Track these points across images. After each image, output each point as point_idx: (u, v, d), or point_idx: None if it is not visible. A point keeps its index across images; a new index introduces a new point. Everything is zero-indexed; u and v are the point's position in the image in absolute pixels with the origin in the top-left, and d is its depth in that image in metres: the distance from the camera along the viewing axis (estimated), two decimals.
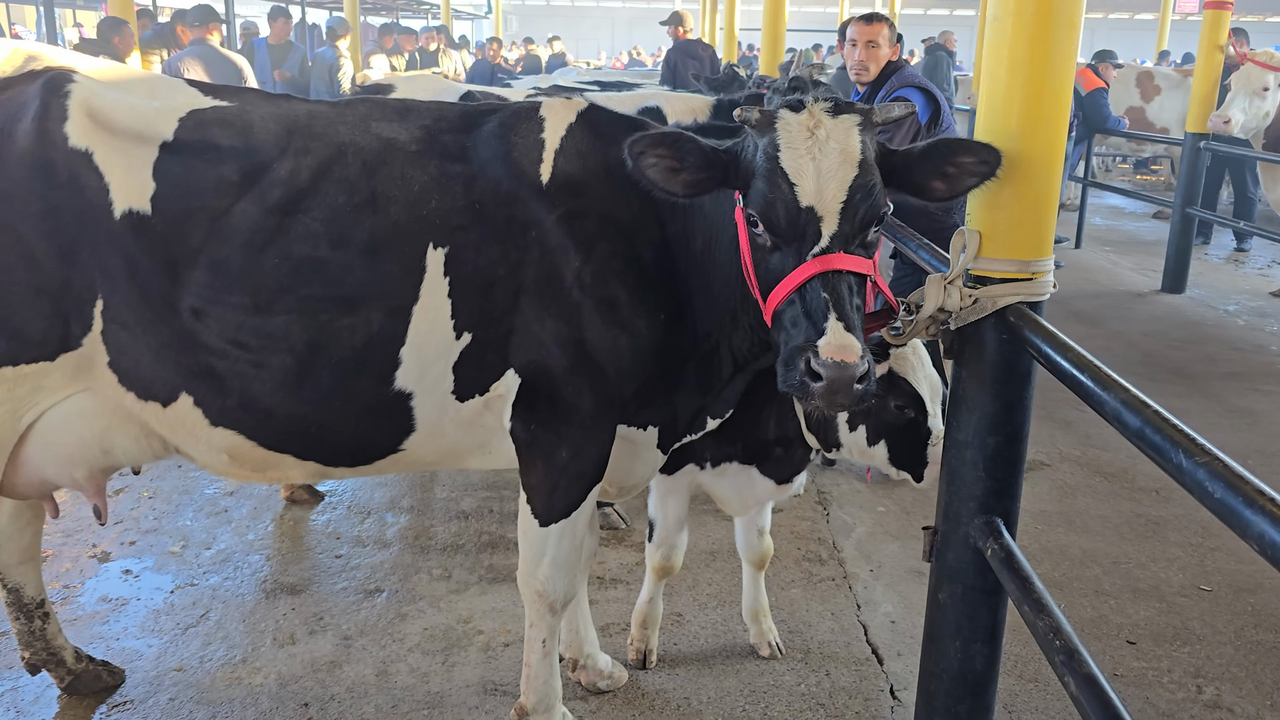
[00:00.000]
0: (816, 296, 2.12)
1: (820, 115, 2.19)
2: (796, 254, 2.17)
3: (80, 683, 3.04)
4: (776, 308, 2.20)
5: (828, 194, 2.15)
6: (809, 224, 2.15)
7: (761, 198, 2.18)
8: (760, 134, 2.22)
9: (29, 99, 2.41)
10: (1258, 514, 1.34)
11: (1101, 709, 1.82)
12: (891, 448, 2.78)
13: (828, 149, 2.17)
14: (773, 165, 2.17)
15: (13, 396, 2.47)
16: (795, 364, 2.10)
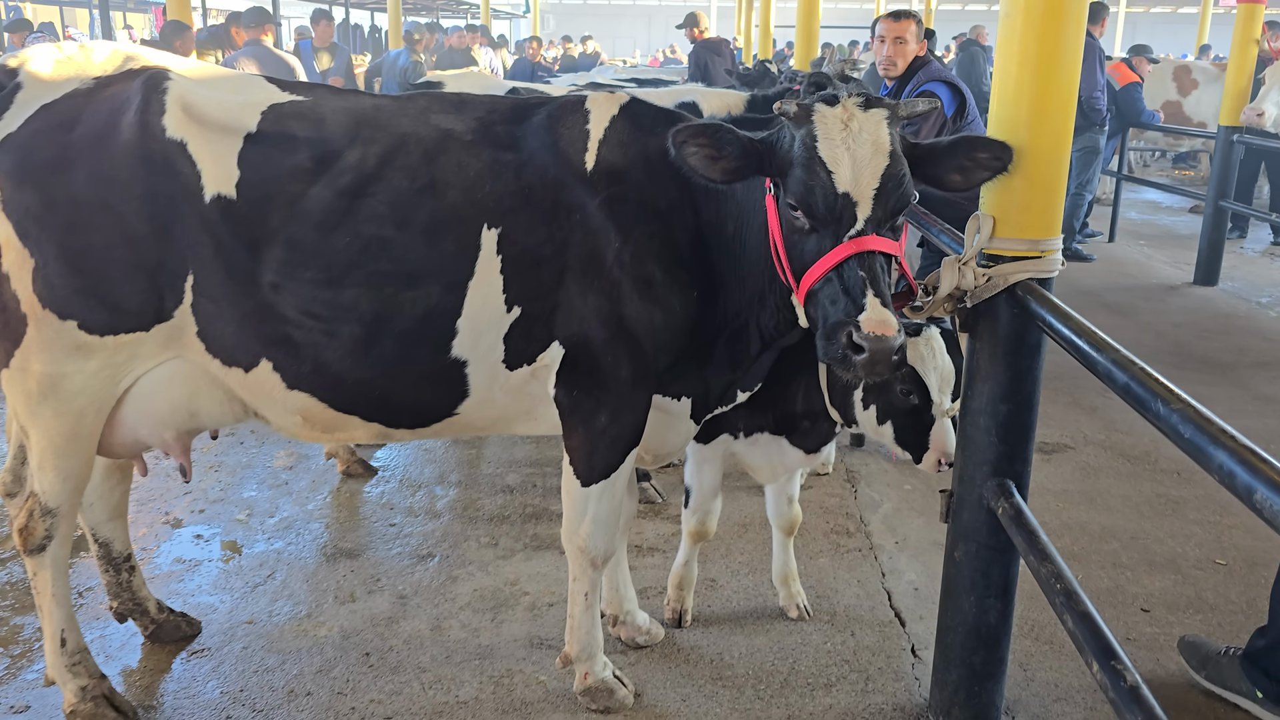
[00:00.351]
0: (854, 275, 2.32)
1: (853, 109, 2.39)
2: (833, 236, 2.36)
3: (162, 631, 3.31)
4: (811, 286, 2.39)
5: (862, 181, 2.35)
6: (845, 209, 2.34)
7: (801, 184, 2.37)
8: (797, 126, 2.41)
9: (131, 95, 2.66)
10: (1218, 449, 1.54)
11: (1094, 639, 2.02)
12: (897, 428, 2.96)
13: (861, 140, 2.36)
14: (811, 155, 2.36)
15: (112, 363, 2.72)
16: (837, 337, 2.29)
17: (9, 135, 2.63)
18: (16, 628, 3.39)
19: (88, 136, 2.62)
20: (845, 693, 3.12)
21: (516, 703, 3.03)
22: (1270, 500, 1.38)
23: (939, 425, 2.90)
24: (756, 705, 3.05)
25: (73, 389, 2.70)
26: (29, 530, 2.83)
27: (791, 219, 2.43)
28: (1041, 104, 2.53)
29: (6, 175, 2.60)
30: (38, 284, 2.62)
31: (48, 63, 2.78)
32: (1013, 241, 2.62)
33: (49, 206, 2.59)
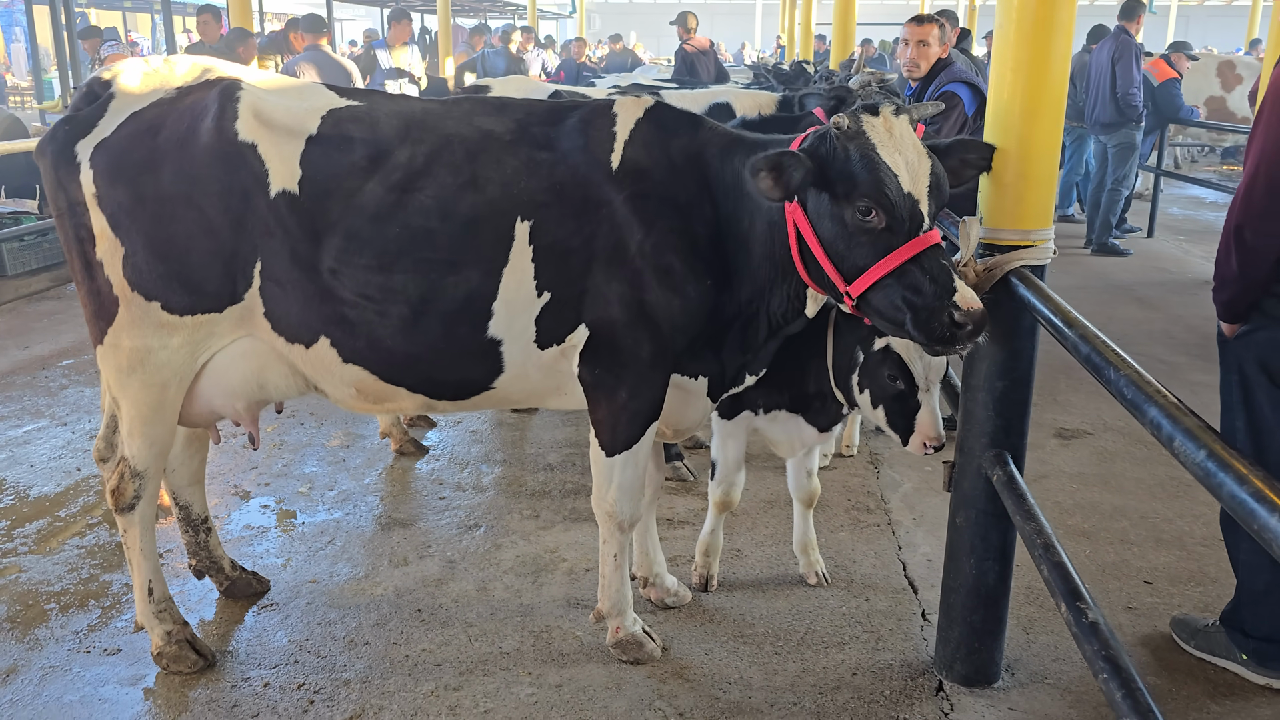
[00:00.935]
0: (937, 264, 2.60)
1: (891, 117, 2.66)
2: (900, 234, 2.60)
3: (235, 588, 3.65)
4: (879, 280, 2.63)
5: (920, 182, 2.62)
6: (914, 208, 2.61)
7: (875, 189, 2.59)
8: (850, 137, 2.64)
9: (209, 103, 2.98)
10: (1151, 405, 1.78)
11: (1064, 584, 2.27)
12: (887, 412, 3.19)
13: (905, 145, 2.64)
14: (874, 161, 2.60)
15: (192, 340, 3.05)
16: (939, 319, 2.56)
17: (104, 139, 2.96)
18: (106, 583, 3.75)
19: (172, 140, 2.94)
20: (857, 650, 3.37)
21: (554, 654, 3.32)
22: (1185, 448, 1.62)
23: (924, 410, 3.13)
24: (774, 659, 3.31)
25: (158, 363, 3.03)
26: (120, 491, 3.17)
27: (859, 222, 2.63)
28: (1033, 105, 2.77)
29: (101, 174, 2.93)
30: (127, 270, 2.96)
31: (136, 75, 3.10)
32: (1008, 232, 2.86)
33: (138, 201, 2.92)
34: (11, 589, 3.70)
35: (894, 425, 3.19)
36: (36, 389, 5.96)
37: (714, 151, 3.01)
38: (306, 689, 3.13)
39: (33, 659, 3.28)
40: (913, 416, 3.14)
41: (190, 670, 3.19)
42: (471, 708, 3.04)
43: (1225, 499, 1.49)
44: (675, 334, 2.97)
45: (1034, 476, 4.75)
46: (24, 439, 5.18)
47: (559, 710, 3.04)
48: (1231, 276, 2.99)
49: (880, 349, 3.16)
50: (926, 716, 3.04)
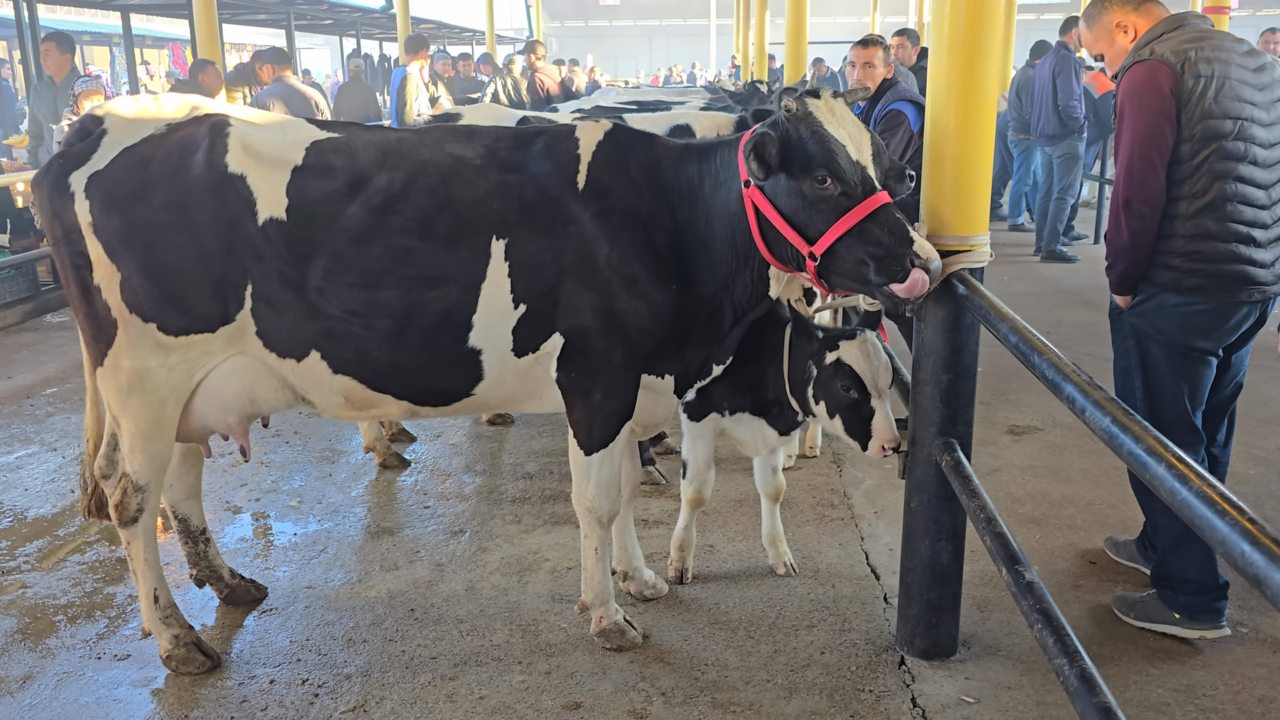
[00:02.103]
0: (892, 218, 2.89)
1: (830, 99, 3.00)
2: (853, 196, 2.90)
3: (234, 595, 3.83)
4: (840, 238, 2.91)
5: (864, 151, 2.96)
6: (864, 172, 2.92)
7: (827, 158, 2.90)
8: (800, 118, 2.95)
9: (200, 137, 3.17)
10: (1068, 383, 2.05)
11: (1003, 550, 2.52)
12: (844, 421, 3.43)
13: (846, 120, 2.98)
14: (824, 135, 2.92)
15: (187, 359, 3.24)
16: (901, 264, 2.83)
17: (97, 172, 3.15)
18: (110, 595, 3.92)
19: (164, 171, 3.13)
20: (825, 631, 3.61)
21: (542, 645, 3.54)
22: (1094, 416, 1.88)
23: (879, 415, 3.37)
24: (748, 642, 3.54)
25: (156, 381, 3.21)
26: (123, 505, 3.35)
27: (817, 190, 2.92)
28: (966, 122, 3.06)
29: (96, 204, 3.12)
30: (125, 293, 3.15)
31: (128, 111, 3.30)
32: (947, 238, 3.13)
33: (132, 229, 3.11)
34: (19, 603, 3.86)
35: (851, 433, 3.42)
36: (23, 417, 6.10)
37: (668, 164, 3.27)
38: (310, 684, 3.32)
39: (47, 666, 3.44)
40: (868, 423, 3.38)
41: (198, 671, 3.37)
42: (467, 695, 3.25)
43: (1126, 457, 1.75)
44: (643, 337, 3.21)
45: (987, 470, 5.04)
46: (16, 464, 5.32)
47: (549, 694, 3.25)
48: (1124, 248, 3.43)
49: (832, 362, 3.42)
50: (890, 687, 3.28)
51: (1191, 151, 3.33)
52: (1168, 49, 3.32)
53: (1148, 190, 3.34)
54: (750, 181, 3.04)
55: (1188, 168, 3.34)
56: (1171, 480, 1.56)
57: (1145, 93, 3.32)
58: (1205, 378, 3.52)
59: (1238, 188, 3.33)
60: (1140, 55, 3.38)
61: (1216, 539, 1.42)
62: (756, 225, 3.08)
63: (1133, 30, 3.56)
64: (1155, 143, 3.31)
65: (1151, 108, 3.30)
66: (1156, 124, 3.30)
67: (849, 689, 3.27)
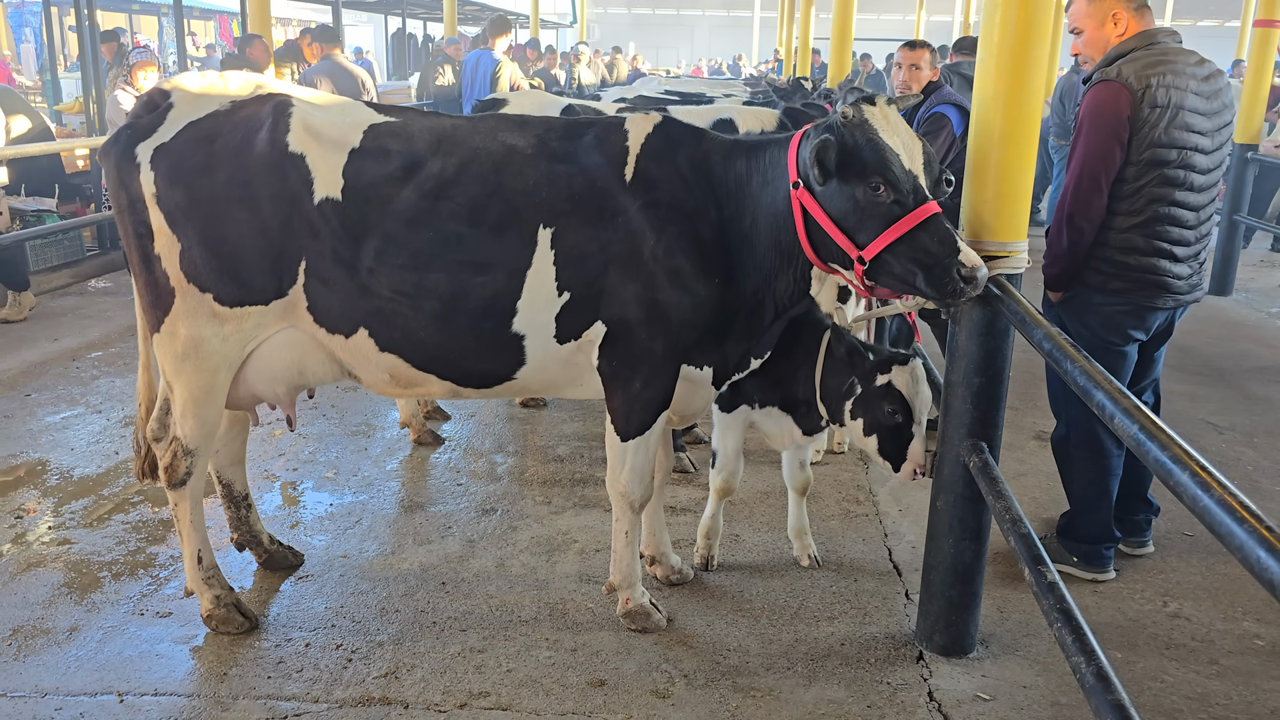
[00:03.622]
0: (941, 228, 2.95)
1: (885, 107, 3.04)
2: (905, 204, 2.95)
3: (273, 560, 3.95)
4: (889, 245, 2.96)
5: (916, 159, 3.00)
6: (916, 181, 2.97)
7: (882, 166, 2.95)
8: (855, 125, 3.00)
9: (264, 116, 3.27)
10: (1098, 389, 2.10)
11: (1028, 551, 2.58)
12: (880, 441, 3.51)
13: (900, 129, 3.02)
14: (879, 144, 2.96)
15: (241, 330, 3.34)
16: (950, 274, 2.90)
17: (163, 144, 3.26)
18: (152, 555, 4.05)
19: (227, 147, 3.24)
20: (845, 624, 3.69)
21: (569, 623, 3.63)
22: (1123, 423, 1.94)
23: (916, 441, 3.47)
24: (770, 630, 3.62)
25: (209, 350, 3.33)
26: (173, 468, 3.47)
27: (871, 197, 2.97)
28: (1010, 131, 3.10)
29: (161, 176, 3.23)
30: (184, 263, 3.26)
31: (194, 87, 3.41)
32: (987, 243, 3.19)
33: (194, 202, 3.22)
34: (66, 558, 4.01)
35: (885, 454, 3.51)
36: (69, 379, 6.26)
37: (717, 159, 3.33)
38: (344, 649, 3.43)
39: (92, 620, 3.58)
40: (905, 447, 3.47)
41: (237, 631, 3.49)
42: (495, 667, 3.35)
43: (1151, 463, 1.81)
44: (685, 329, 3.28)
45: (1013, 474, 5.08)
46: (62, 424, 5.48)
47: (574, 671, 3.34)
48: (1061, 254, 3.82)
49: (882, 385, 3.49)
50: (907, 681, 3.35)
51: (1135, 174, 3.69)
52: (1132, 72, 3.61)
53: (1089, 208, 3.71)
54: (799, 183, 3.10)
55: (1129, 188, 3.71)
56: (1194, 487, 1.62)
57: (1104, 114, 3.64)
58: (1122, 369, 3.95)
59: (1171, 210, 3.72)
60: (1107, 74, 3.67)
61: (1234, 545, 1.48)
62: (803, 226, 3.14)
63: (1123, 26, 3.80)
64: (1104, 164, 3.66)
65: (1106, 130, 3.63)
66: (1108, 146, 3.64)
67: (867, 680, 3.35)
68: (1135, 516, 4.28)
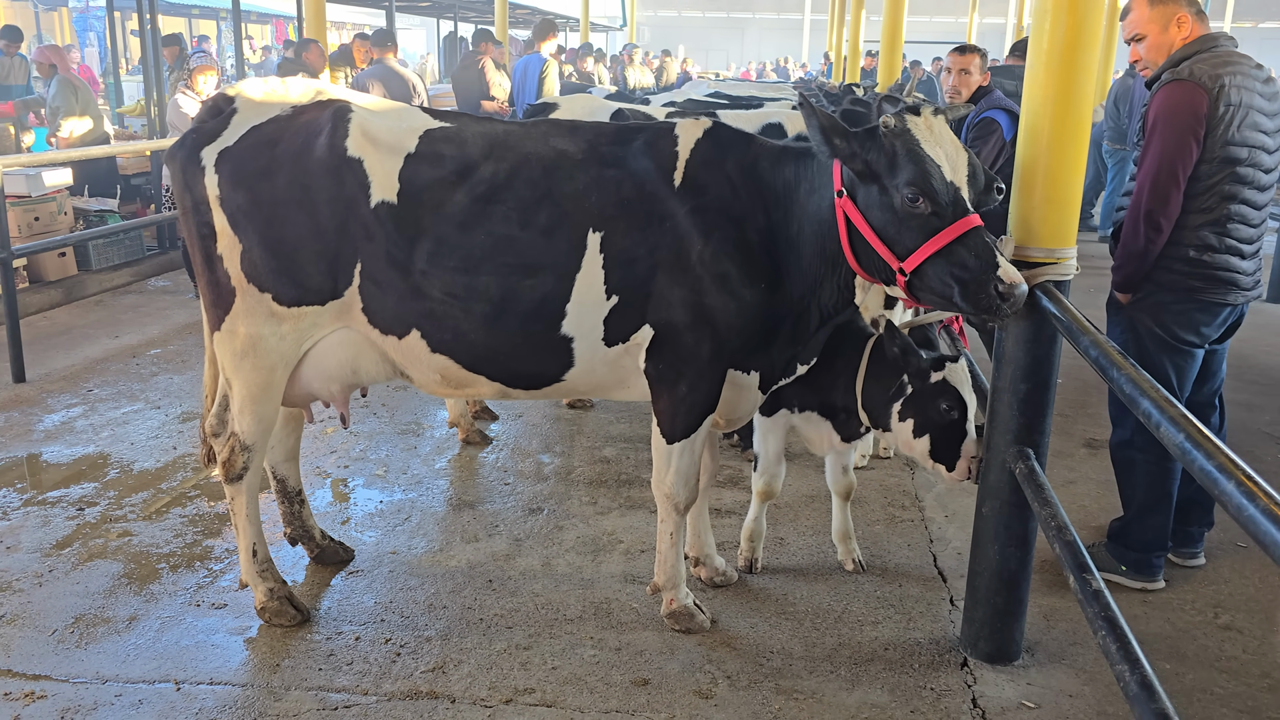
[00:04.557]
0: (981, 242, 2.94)
1: (930, 117, 3.02)
2: (945, 217, 2.94)
3: (324, 555, 4.04)
4: (928, 258, 2.96)
5: (959, 171, 2.99)
6: (956, 194, 2.96)
7: (921, 178, 2.94)
8: (897, 134, 2.99)
9: (323, 121, 3.35)
10: (1144, 398, 2.09)
11: (1073, 558, 2.57)
12: (933, 442, 3.50)
13: (944, 140, 3.00)
14: (919, 154, 2.95)
15: (298, 329, 3.43)
16: (986, 290, 2.89)
17: (226, 148, 3.35)
18: (208, 548, 4.16)
19: (288, 152, 3.32)
20: (889, 628, 3.69)
21: (614, 622, 3.67)
22: (1169, 431, 1.94)
23: (969, 438, 3.46)
24: (813, 634, 3.63)
25: (267, 348, 3.41)
26: (231, 463, 3.56)
27: (908, 208, 2.97)
28: (1059, 137, 3.09)
29: (225, 178, 3.33)
30: (244, 264, 3.35)
31: (257, 93, 3.51)
32: (1035, 250, 3.17)
33: (256, 204, 3.31)
34: (126, 550, 4.13)
35: (937, 454, 3.49)
36: (129, 375, 6.44)
37: (765, 165, 3.35)
38: (393, 643, 3.50)
39: (150, 610, 3.69)
40: (958, 445, 3.46)
41: (289, 624, 3.58)
42: (541, 664, 3.40)
43: (1197, 473, 1.80)
44: (732, 334, 3.31)
45: (1062, 482, 5.03)
46: (123, 419, 5.63)
47: (619, 669, 3.38)
48: (1138, 252, 3.78)
49: (938, 382, 3.48)
50: (951, 687, 3.34)
51: (1209, 173, 3.69)
52: (1204, 72, 3.61)
53: (1169, 205, 3.70)
54: (843, 191, 3.11)
55: (1203, 186, 3.71)
56: (1239, 497, 1.62)
57: (1180, 112, 3.63)
58: (1191, 369, 3.95)
59: (1239, 208, 3.74)
60: (1179, 74, 3.66)
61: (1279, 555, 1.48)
62: (846, 235, 3.15)
63: (1187, 29, 3.79)
64: (1182, 161, 3.65)
65: (1183, 127, 3.63)
66: (1185, 143, 3.64)
67: (910, 685, 3.34)
68: (1189, 527, 4.22)
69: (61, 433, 5.45)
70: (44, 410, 5.79)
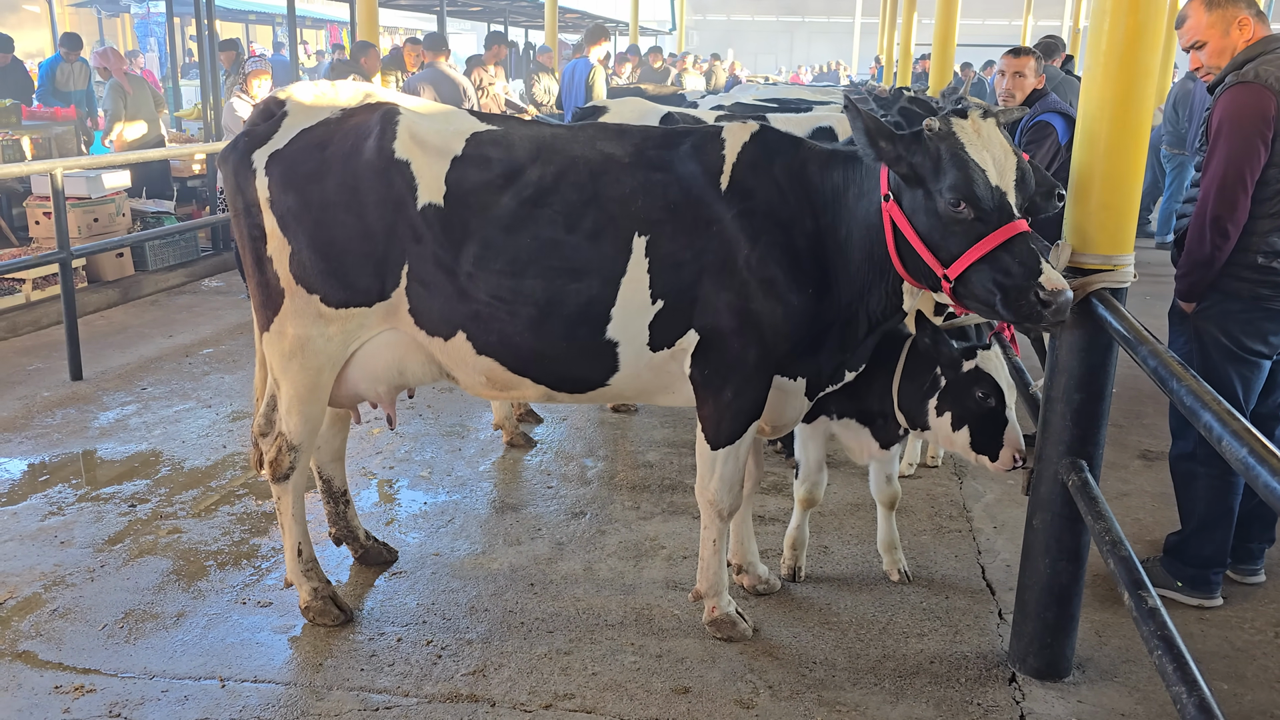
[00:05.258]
0: (1025, 248, 2.87)
1: (978, 119, 2.96)
2: (989, 222, 2.89)
3: (368, 555, 4.06)
4: (972, 265, 2.90)
5: (1006, 176, 2.91)
6: (1001, 199, 2.90)
7: (963, 182, 2.89)
8: (941, 138, 2.94)
9: (372, 124, 3.37)
10: (1205, 410, 2.03)
11: (1128, 574, 2.50)
12: (973, 433, 3.42)
13: (993, 143, 2.93)
14: (963, 158, 2.90)
15: (345, 330, 3.44)
16: (1026, 297, 2.82)
17: (277, 151, 3.38)
18: (255, 546, 4.21)
19: (337, 154, 3.34)
20: (935, 641, 3.62)
21: (655, 629, 3.64)
22: (1231, 445, 1.87)
23: (1010, 426, 3.37)
24: (857, 645, 3.58)
25: (315, 349, 3.43)
26: (278, 462, 3.59)
27: (951, 213, 2.91)
28: (1117, 141, 3.01)
29: (275, 181, 3.35)
30: (293, 265, 3.37)
31: (307, 96, 3.53)
32: (1091, 256, 3.10)
33: (305, 206, 3.33)
34: (175, 547, 4.18)
35: (979, 445, 3.41)
36: (182, 374, 6.54)
37: (814, 169, 3.30)
38: (434, 645, 3.50)
39: (198, 607, 3.73)
40: (999, 434, 3.38)
41: (333, 623, 3.60)
42: (581, 670, 3.38)
43: (1261, 489, 1.74)
44: (778, 340, 3.27)
45: (1116, 494, 4.92)
46: (175, 417, 5.72)
47: (659, 677, 3.36)
48: (1204, 259, 3.66)
49: (971, 370, 3.42)
50: (999, 702, 3.27)
51: (1277, 176, 3.59)
52: (1270, 74, 3.51)
53: (1237, 210, 3.59)
54: (889, 195, 3.06)
55: (1271, 190, 3.61)
56: None
57: (1247, 115, 3.54)
58: (1257, 379, 3.83)
59: None
60: (1244, 76, 3.56)
61: None
62: (893, 240, 3.10)
63: (1250, 31, 3.69)
64: (1250, 165, 3.56)
65: (1250, 130, 3.54)
66: (1253, 146, 3.55)
67: (957, 700, 3.28)
68: (1249, 543, 4.09)
69: (116, 430, 5.55)
70: (99, 408, 5.90)
